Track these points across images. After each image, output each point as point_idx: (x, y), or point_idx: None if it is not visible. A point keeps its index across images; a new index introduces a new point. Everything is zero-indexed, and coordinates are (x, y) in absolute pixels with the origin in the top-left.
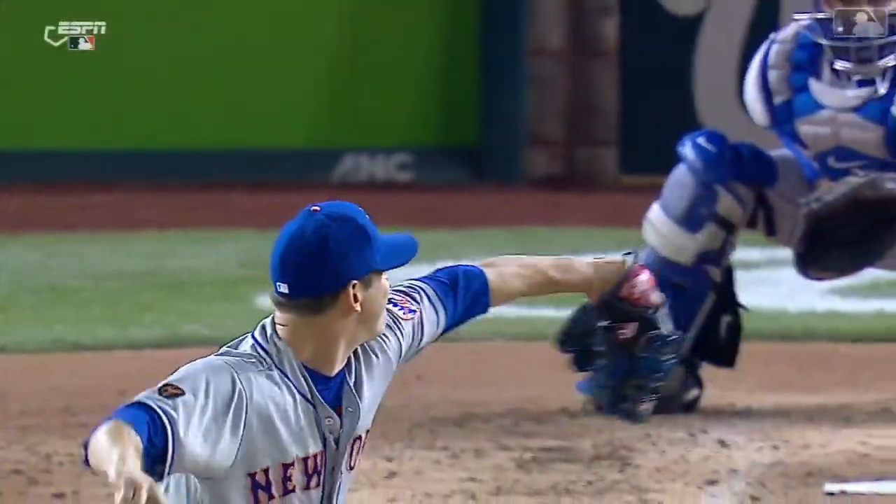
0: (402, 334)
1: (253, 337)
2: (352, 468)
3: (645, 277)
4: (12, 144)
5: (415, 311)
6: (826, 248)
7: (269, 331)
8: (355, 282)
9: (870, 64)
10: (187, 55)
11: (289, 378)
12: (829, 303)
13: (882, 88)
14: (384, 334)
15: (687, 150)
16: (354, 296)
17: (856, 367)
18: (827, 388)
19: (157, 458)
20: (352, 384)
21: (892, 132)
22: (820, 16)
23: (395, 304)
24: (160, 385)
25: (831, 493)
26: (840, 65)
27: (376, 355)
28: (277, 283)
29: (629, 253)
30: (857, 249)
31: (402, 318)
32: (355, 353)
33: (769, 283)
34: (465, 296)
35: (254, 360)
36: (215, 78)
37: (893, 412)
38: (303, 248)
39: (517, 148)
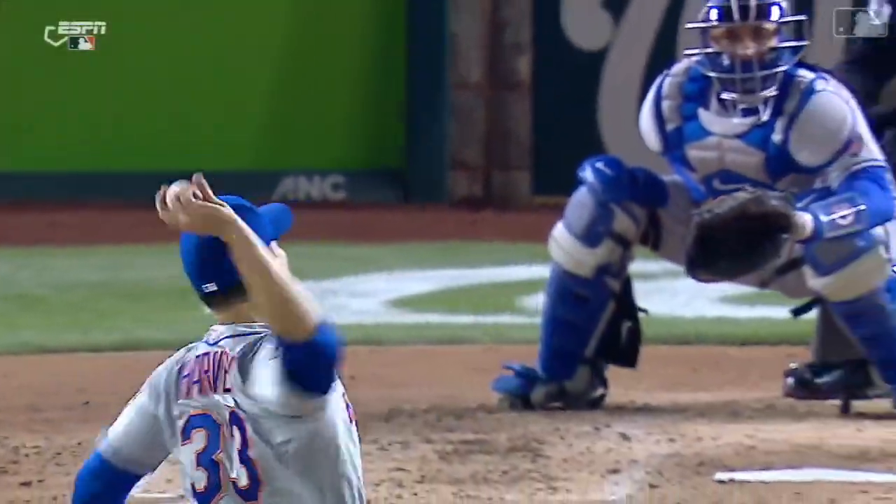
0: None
1: (204, 342)
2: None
3: None
4: None
5: None
6: (715, 255)
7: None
8: None
9: (753, 94)
10: (148, 88)
11: None
12: (719, 310)
13: (765, 116)
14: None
15: (587, 173)
16: None
17: (743, 367)
18: (717, 387)
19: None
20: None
21: (772, 157)
22: (708, 51)
23: None
24: None
25: (721, 481)
26: (727, 95)
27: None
28: (203, 287)
29: None
30: (741, 258)
31: None
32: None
33: (666, 292)
34: None
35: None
36: (170, 110)
37: (777, 408)
38: (211, 244)
39: (440, 171)
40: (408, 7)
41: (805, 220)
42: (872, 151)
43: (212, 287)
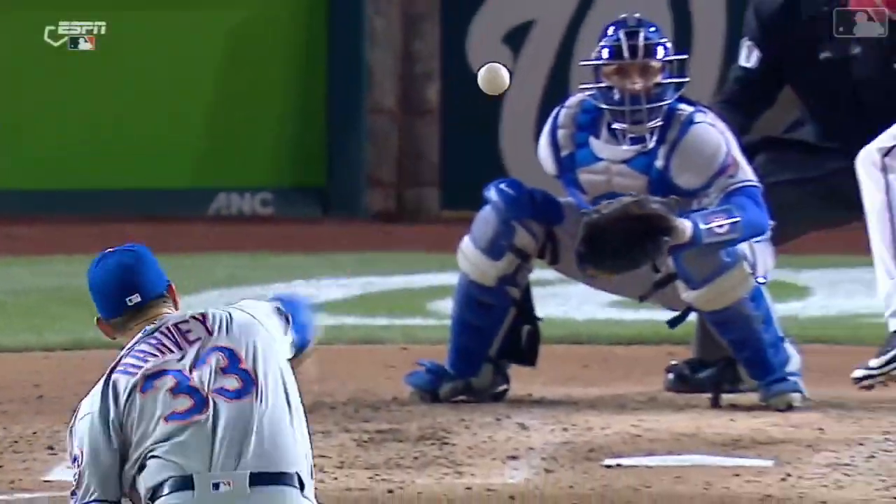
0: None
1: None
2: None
3: None
4: None
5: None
6: (602, 253)
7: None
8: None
9: (641, 125)
10: (93, 116)
11: None
12: (608, 313)
13: (650, 144)
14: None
15: (491, 193)
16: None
17: (629, 364)
18: (606, 382)
19: None
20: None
21: (655, 181)
22: (601, 86)
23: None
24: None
25: (609, 466)
26: (617, 126)
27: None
28: (127, 300)
29: None
30: (625, 256)
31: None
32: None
33: (560, 297)
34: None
35: None
36: (116, 134)
37: (658, 401)
38: (134, 265)
39: (358, 188)
40: (329, 41)
41: (685, 224)
42: (747, 174)
43: (136, 298)
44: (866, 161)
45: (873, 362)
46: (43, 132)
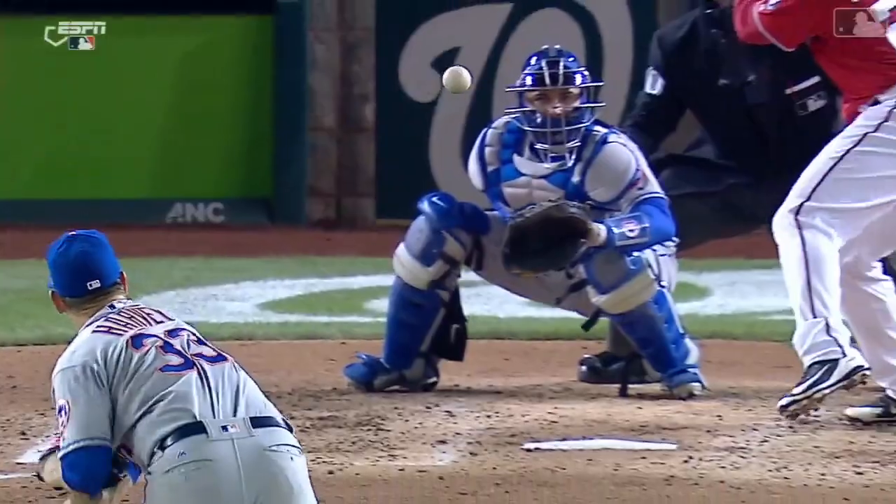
0: None
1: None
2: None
3: None
4: None
5: None
6: (525, 253)
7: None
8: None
9: (561, 145)
10: (61, 135)
11: None
12: (527, 312)
13: (569, 163)
14: None
15: (424, 205)
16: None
17: (547, 357)
18: (525, 373)
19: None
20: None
21: (571, 195)
22: (525, 110)
23: None
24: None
25: (528, 450)
26: (539, 146)
27: None
28: (88, 285)
29: None
30: (547, 256)
31: None
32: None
33: (484, 296)
34: None
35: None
36: (82, 151)
37: (573, 390)
38: (95, 252)
39: (301, 199)
40: (274, 66)
41: (600, 228)
42: (655, 187)
43: (96, 284)
44: (781, 224)
45: (796, 390)
46: (15, 150)
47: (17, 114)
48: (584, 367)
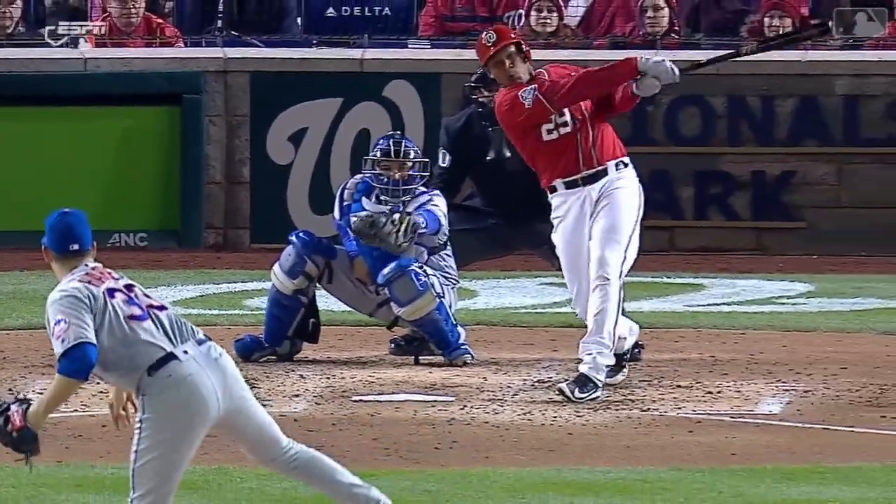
0: None
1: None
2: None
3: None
4: None
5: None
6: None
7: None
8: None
9: (398, 198)
10: (12, 170)
11: None
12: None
13: (407, 207)
14: None
15: (293, 238)
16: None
17: (367, 338)
18: (353, 350)
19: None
20: None
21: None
22: (375, 172)
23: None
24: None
25: (356, 401)
26: (384, 198)
27: None
28: (70, 246)
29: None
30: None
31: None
32: None
33: (331, 300)
34: None
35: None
36: (45, 192)
37: (385, 360)
38: (79, 225)
39: (200, 230)
40: (182, 139)
41: (415, 216)
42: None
43: (76, 247)
44: (594, 284)
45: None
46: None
47: None
48: (393, 345)
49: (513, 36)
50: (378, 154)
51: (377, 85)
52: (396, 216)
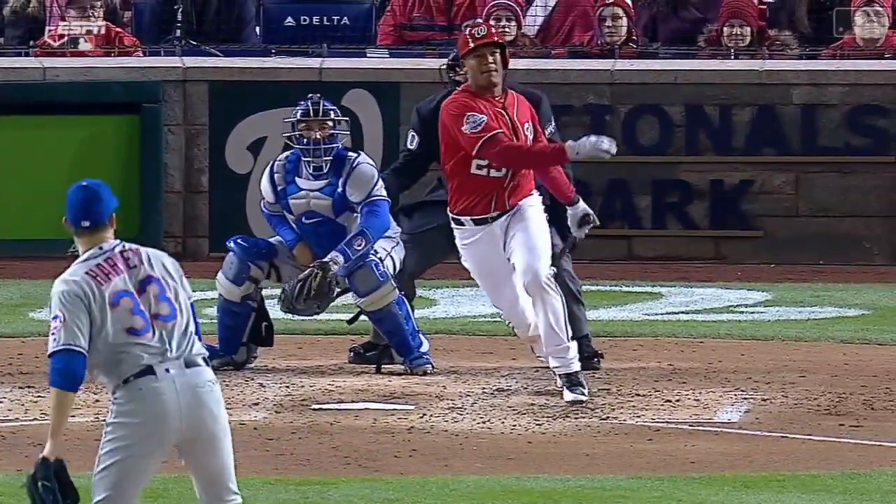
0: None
1: (94, 257)
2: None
3: None
4: None
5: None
6: (295, 308)
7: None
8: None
9: (320, 159)
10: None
11: None
12: (328, 315)
13: (330, 178)
14: None
15: (233, 244)
16: (114, 218)
17: (326, 346)
18: (313, 358)
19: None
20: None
21: (336, 201)
22: (296, 133)
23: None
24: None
25: (315, 409)
26: (306, 159)
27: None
28: (82, 223)
29: None
30: (316, 298)
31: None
32: None
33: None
34: None
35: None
36: (15, 202)
37: (345, 369)
38: (90, 199)
39: (159, 238)
40: (140, 148)
41: (337, 257)
42: (382, 191)
43: (87, 223)
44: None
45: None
46: None
47: None
48: (352, 353)
49: (498, 39)
50: (298, 114)
51: (336, 94)
52: (318, 272)
